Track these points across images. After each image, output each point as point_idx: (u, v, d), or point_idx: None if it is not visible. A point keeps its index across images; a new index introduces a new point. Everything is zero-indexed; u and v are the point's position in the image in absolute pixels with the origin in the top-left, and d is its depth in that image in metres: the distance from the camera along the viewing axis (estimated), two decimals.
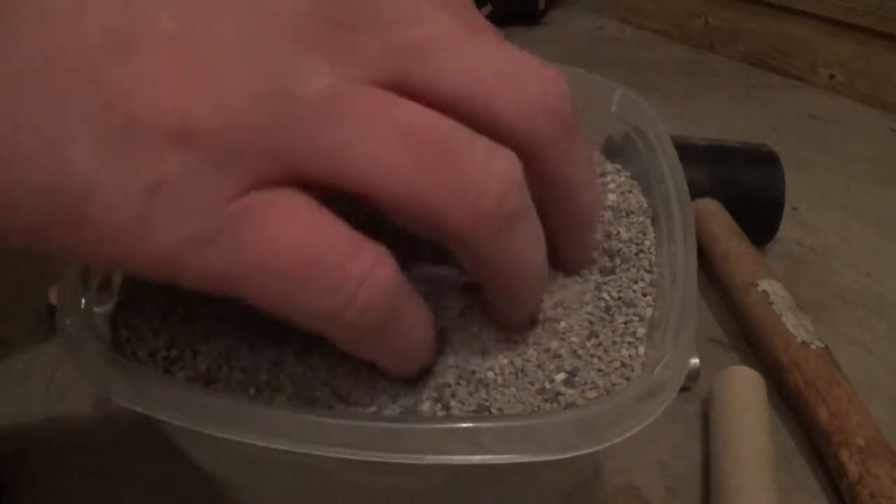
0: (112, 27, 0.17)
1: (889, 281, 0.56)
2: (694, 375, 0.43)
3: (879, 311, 0.53)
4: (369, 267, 0.19)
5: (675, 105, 0.86)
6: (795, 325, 0.44)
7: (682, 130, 0.76)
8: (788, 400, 0.43)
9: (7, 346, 0.45)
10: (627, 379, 0.25)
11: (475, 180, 0.19)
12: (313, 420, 0.21)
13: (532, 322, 0.26)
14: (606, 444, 0.22)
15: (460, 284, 0.26)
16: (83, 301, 0.25)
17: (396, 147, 0.18)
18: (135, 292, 0.27)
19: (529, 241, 0.21)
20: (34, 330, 0.46)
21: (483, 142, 0.19)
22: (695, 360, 0.43)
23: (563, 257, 0.26)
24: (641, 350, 0.26)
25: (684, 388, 0.43)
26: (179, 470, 0.37)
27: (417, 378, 0.24)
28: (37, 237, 0.19)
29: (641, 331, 0.26)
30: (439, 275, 0.27)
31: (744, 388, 0.40)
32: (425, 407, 0.23)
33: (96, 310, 0.25)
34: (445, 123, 0.19)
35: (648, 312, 0.27)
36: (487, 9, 1.06)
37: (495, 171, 0.19)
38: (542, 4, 1.13)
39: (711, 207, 0.55)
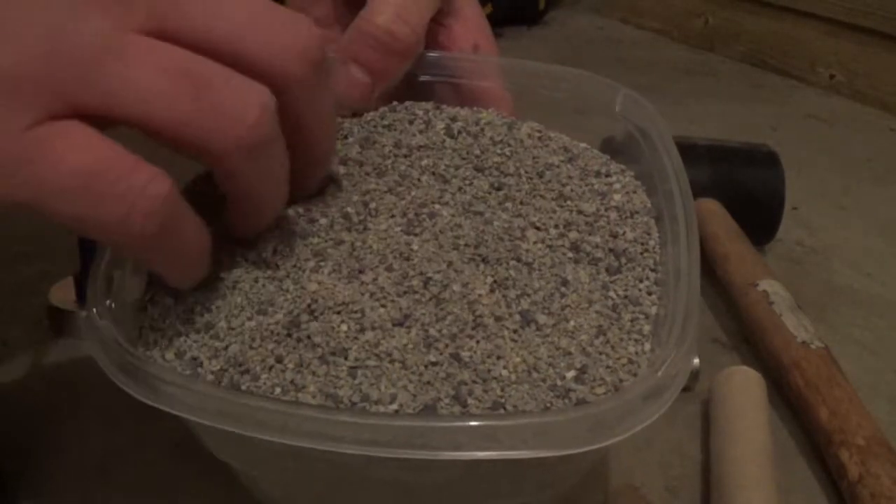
0: None
1: (889, 281, 0.56)
2: (694, 375, 0.43)
3: (879, 311, 0.53)
4: (146, 180, 0.22)
5: (675, 105, 0.86)
6: (795, 325, 0.44)
7: (682, 130, 0.76)
8: (788, 400, 0.43)
9: (7, 346, 0.45)
10: (634, 375, 0.25)
11: (232, 110, 0.22)
12: (338, 419, 0.22)
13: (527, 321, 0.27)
14: (616, 440, 0.22)
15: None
16: (109, 303, 0.26)
17: (161, 84, 0.22)
18: (161, 294, 0.28)
19: (276, 164, 0.25)
20: (34, 330, 0.46)
21: (237, 77, 0.23)
22: (695, 360, 0.44)
23: (294, 183, 0.28)
24: (647, 347, 0.26)
25: (684, 388, 0.43)
26: (179, 470, 0.37)
27: (434, 377, 0.25)
28: None
29: (647, 328, 0.27)
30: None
31: (744, 388, 0.40)
32: (443, 405, 0.24)
33: (124, 308, 0.26)
34: (202, 62, 0.22)
35: (653, 310, 0.28)
36: (488, 9, 1.06)
37: (250, 101, 0.23)
38: (542, 4, 1.13)
39: (711, 207, 0.55)
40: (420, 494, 0.27)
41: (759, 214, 0.57)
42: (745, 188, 0.56)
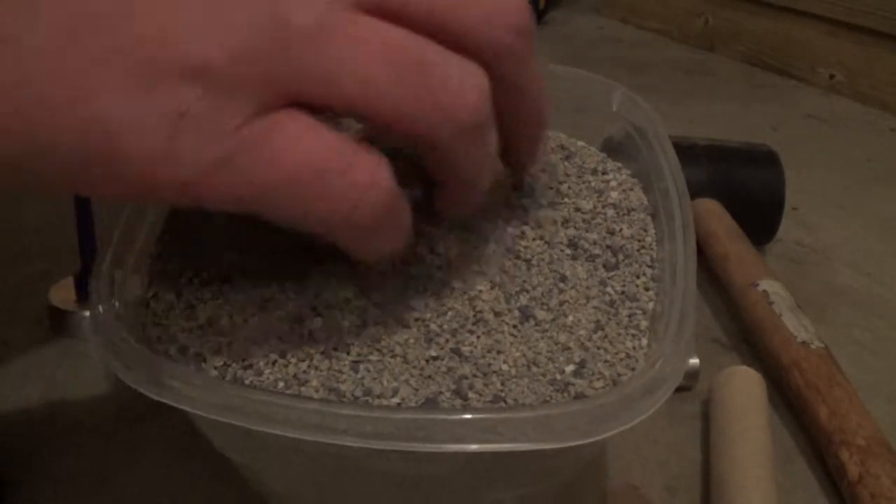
0: None
1: (889, 281, 0.56)
2: (694, 375, 0.43)
3: (879, 311, 0.53)
4: (371, 174, 0.21)
5: (675, 105, 0.86)
6: (795, 325, 0.44)
7: (682, 130, 0.76)
8: (788, 400, 0.43)
9: (7, 346, 0.45)
10: (632, 369, 0.26)
11: (453, 96, 0.21)
12: (341, 412, 0.22)
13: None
14: (613, 432, 0.23)
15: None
16: (114, 302, 0.26)
17: (381, 68, 0.21)
18: (164, 291, 0.28)
19: (490, 146, 0.24)
20: (34, 330, 0.46)
21: (455, 59, 0.22)
22: (695, 360, 0.44)
23: (516, 155, 0.28)
24: (644, 342, 0.27)
25: (684, 388, 0.44)
26: (180, 471, 0.37)
27: (436, 371, 0.25)
28: (71, 178, 0.21)
29: (644, 323, 0.27)
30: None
31: (744, 388, 0.40)
32: (444, 398, 0.24)
33: (127, 307, 0.26)
34: (422, 44, 0.21)
35: (650, 306, 0.28)
36: None
37: (469, 85, 0.22)
38: (542, 4, 1.13)
39: (711, 207, 0.55)
40: (421, 486, 0.27)
41: (759, 214, 0.57)
42: (745, 188, 0.56)
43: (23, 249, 0.54)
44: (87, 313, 0.45)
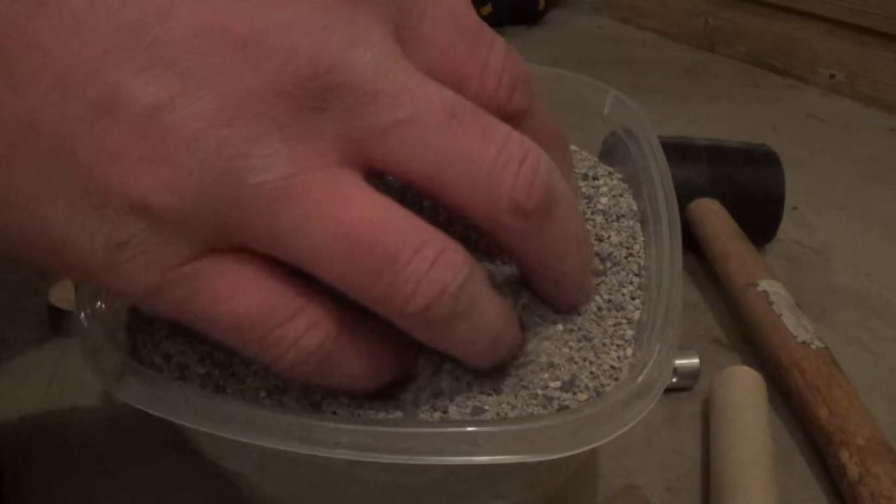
0: (94, 98, 0.19)
1: (889, 281, 0.56)
2: (694, 375, 0.44)
3: (879, 311, 0.53)
4: (303, 330, 0.21)
5: (675, 105, 0.86)
6: (795, 325, 0.44)
7: (682, 130, 0.76)
8: (788, 400, 0.43)
9: (7, 346, 0.45)
10: (616, 380, 0.25)
11: (406, 287, 0.20)
12: (323, 425, 0.22)
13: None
14: (595, 445, 0.22)
15: None
16: (99, 306, 0.26)
17: (334, 243, 0.19)
18: None
19: (468, 332, 0.22)
20: (34, 330, 0.46)
21: (431, 247, 0.20)
22: (695, 360, 0.44)
23: (560, 306, 0.27)
24: (629, 352, 0.26)
25: (684, 388, 0.44)
26: (179, 469, 0.37)
27: (417, 385, 0.24)
28: (23, 256, 0.21)
29: (630, 333, 0.27)
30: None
31: (744, 387, 0.40)
32: (424, 410, 0.24)
33: (111, 315, 0.26)
34: (393, 220, 0.20)
35: (636, 315, 0.27)
36: (488, 9, 1.06)
37: (429, 279, 0.20)
38: (542, 4, 1.13)
39: (711, 207, 0.55)
40: (404, 495, 0.27)
41: (759, 214, 0.57)
42: (745, 188, 0.56)
43: None
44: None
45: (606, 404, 0.23)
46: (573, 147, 0.35)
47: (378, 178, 0.22)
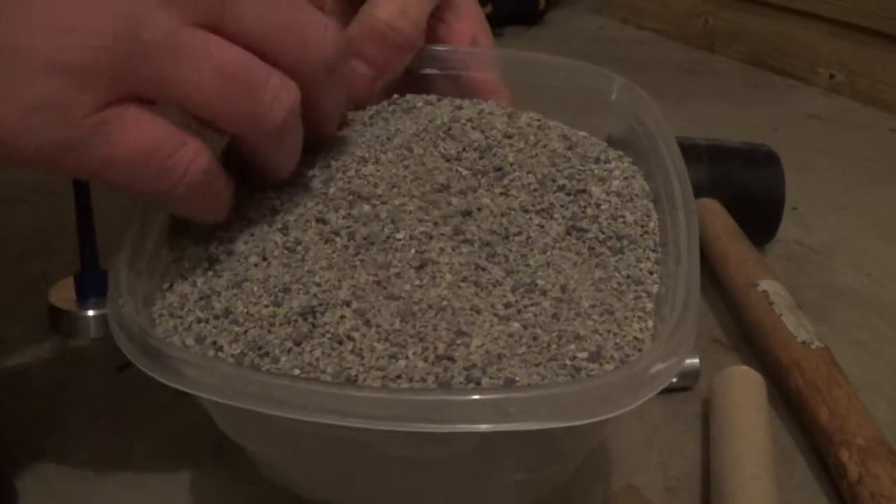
0: None
1: (889, 281, 0.56)
2: (694, 375, 0.44)
3: (879, 311, 0.53)
4: (192, 155, 0.26)
5: (675, 105, 0.86)
6: (795, 325, 0.44)
7: (681, 130, 0.76)
8: (788, 400, 0.43)
9: (7, 346, 0.45)
10: (639, 350, 0.26)
11: (265, 107, 0.26)
12: (359, 396, 0.23)
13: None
14: (624, 410, 0.23)
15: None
16: (132, 290, 0.27)
17: (215, 81, 0.25)
18: (178, 282, 0.29)
19: (293, 144, 0.29)
20: (34, 330, 0.46)
21: (274, 77, 0.26)
22: (695, 360, 0.44)
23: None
24: (650, 323, 0.28)
25: (684, 388, 0.43)
26: (179, 469, 0.37)
27: (449, 357, 0.26)
28: None
29: (650, 306, 0.28)
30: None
31: (744, 388, 0.40)
32: (457, 383, 0.25)
33: (143, 301, 0.27)
34: (251, 61, 0.26)
35: (655, 289, 0.29)
36: (488, 9, 1.06)
37: (279, 101, 0.26)
38: (542, 4, 1.13)
39: (712, 207, 0.55)
40: (434, 471, 0.28)
41: (759, 214, 0.57)
42: (745, 188, 0.56)
43: (23, 249, 0.54)
44: (89, 313, 0.46)
45: (633, 371, 0.24)
46: (583, 133, 0.36)
47: None
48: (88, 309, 0.46)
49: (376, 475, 0.29)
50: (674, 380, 0.42)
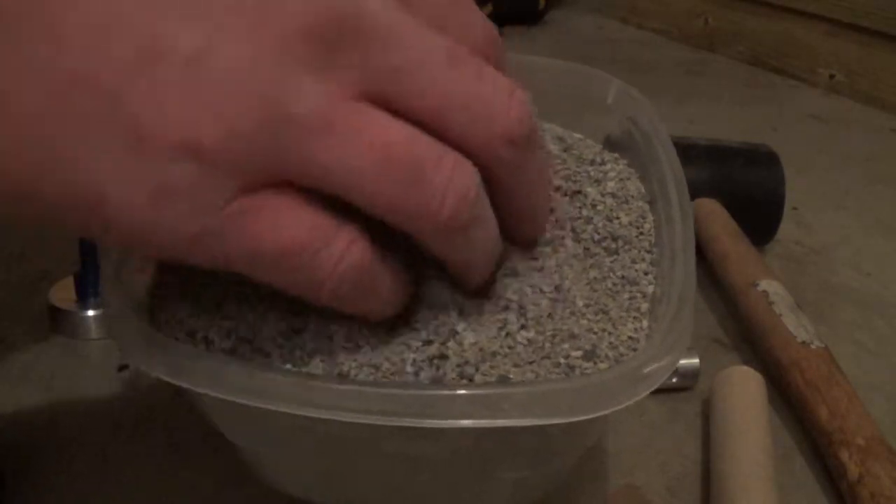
0: (137, 48, 0.20)
1: (889, 281, 0.56)
2: (694, 375, 0.44)
3: (879, 311, 0.53)
4: (344, 248, 0.22)
5: (675, 105, 0.86)
6: (795, 325, 0.44)
7: (682, 130, 0.76)
8: (788, 400, 0.43)
9: (7, 346, 0.45)
10: (634, 350, 0.26)
11: (436, 196, 0.22)
12: (353, 390, 0.23)
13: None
14: (619, 407, 0.23)
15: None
16: (124, 284, 0.27)
17: (372, 162, 0.21)
18: (170, 278, 0.29)
19: (479, 241, 0.24)
20: (34, 330, 0.46)
21: (448, 158, 0.22)
22: (695, 360, 0.44)
23: (518, 238, 0.29)
24: (645, 324, 0.28)
25: (684, 388, 0.43)
26: (179, 469, 0.37)
27: (442, 355, 0.25)
28: (60, 219, 0.21)
29: (644, 306, 0.28)
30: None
31: (744, 387, 0.40)
32: (450, 381, 0.25)
33: (136, 299, 0.27)
34: (416, 139, 0.22)
35: (650, 289, 0.29)
36: (488, 8, 1.06)
37: (454, 188, 0.22)
38: (542, 4, 1.13)
39: (711, 207, 0.55)
40: (428, 469, 0.28)
41: (759, 214, 0.57)
42: (745, 188, 0.56)
43: (23, 249, 0.54)
44: (89, 313, 0.46)
45: (630, 368, 0.24)
46: (578, 135, 0.36)
47: None
48: (88, 309, 0.46)
49: (371, 474, 0.29)
50: (674, 380, 0.43)
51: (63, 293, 0.47)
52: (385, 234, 0.24)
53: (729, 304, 0.51)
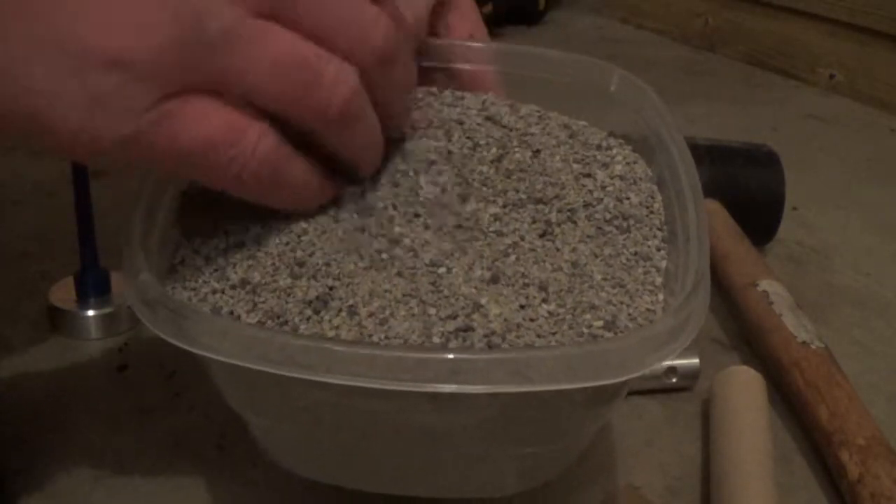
0: None
1: (889, 281, 0.56)
2: (694, 375, 0.44)
3: (879, 311, 0.53)
4: (255, 140, 0.26)
5: (675, 105, 0.85)
6: (795, 325, 0.44)
7: (682, 130, 0.76)
8: (788, 400, 0.43)
9: (7, 346, 0.45)
10: (651, 322, 0.27)
11: (327, 93, 0.27)
12: (382, 355, 0.23)
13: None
14: (643, 371, 0.24)
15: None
16: (149, 264, 0.27)
17: (272, 65, 0.26)
18: (191, 255, 0.29)
19: (368, 130, 0.29)
20: (34, 330, 0.46)
21: (334, 63, 0.27)
22: (695, 360, 0.44)
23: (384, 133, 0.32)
24: (661, 297, 0.28)
25: (684, 388, 0.43)
26: (179, 469, 0.37)
27: (469, 327, 0.26)
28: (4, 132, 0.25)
29: (659, 280, 0.29)
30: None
31: (744, 388, 0.40)
32: (477, 350, 0.25)
33: (156, 273, 0.27)
34: (306, 47, 0.26)
35: (663, 264, 0.30)
36: (488, 8, 1.06)
37: (340, 85, 0.27)
38: (542, 4, 1.13)
39: (711, 207, 0.55)
40: (447, 442, 0.28)
41: (759, 214, 0.57)
42: (745, 188, 0.56)
43: (23, 250, 0.54)
44: (89, 313, 0.46)
45: (653, 332, 0.24)
46: (583, 122, 0.36)
47: None
48: (88, 309, 0.46)
49: (389, 448, 0.29)
50: (674, 380, 0.43)
51: (63, 293, 0.47)
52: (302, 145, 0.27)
53: (729, 304, 0.51)
